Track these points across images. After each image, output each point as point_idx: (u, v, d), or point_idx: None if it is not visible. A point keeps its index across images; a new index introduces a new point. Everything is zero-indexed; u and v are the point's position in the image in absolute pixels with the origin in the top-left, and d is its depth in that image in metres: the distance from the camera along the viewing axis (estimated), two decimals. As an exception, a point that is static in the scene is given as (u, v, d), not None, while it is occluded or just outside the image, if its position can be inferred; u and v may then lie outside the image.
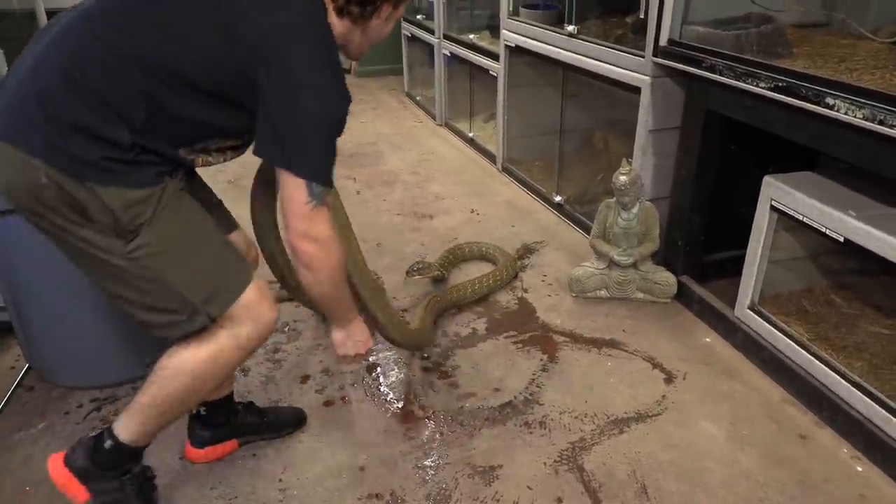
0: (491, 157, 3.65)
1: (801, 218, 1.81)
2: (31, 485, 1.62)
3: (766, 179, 1.93)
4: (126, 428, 1.39)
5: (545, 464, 1.67)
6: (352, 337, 1.54)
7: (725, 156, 2.18)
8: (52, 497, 1.57)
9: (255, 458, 1.70)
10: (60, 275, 1.78)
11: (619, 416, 1.83)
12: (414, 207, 3.11)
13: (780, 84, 1.74)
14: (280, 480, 1.63)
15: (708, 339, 2.16)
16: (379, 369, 2.04)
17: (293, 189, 1.22)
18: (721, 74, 1.93)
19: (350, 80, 5.71)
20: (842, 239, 1.70)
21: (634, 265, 2.33)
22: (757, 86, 1.81)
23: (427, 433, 1.78)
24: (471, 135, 3.90)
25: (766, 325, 1.99)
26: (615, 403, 1.88)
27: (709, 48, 2.00)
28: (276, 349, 2.12)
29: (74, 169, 1.16)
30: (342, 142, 1.27)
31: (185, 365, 1.33)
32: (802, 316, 2.03)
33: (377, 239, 2.85)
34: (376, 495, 1.59)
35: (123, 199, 1.19)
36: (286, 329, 2.22)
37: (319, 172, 1.23)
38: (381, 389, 1.95)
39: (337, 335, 1.55)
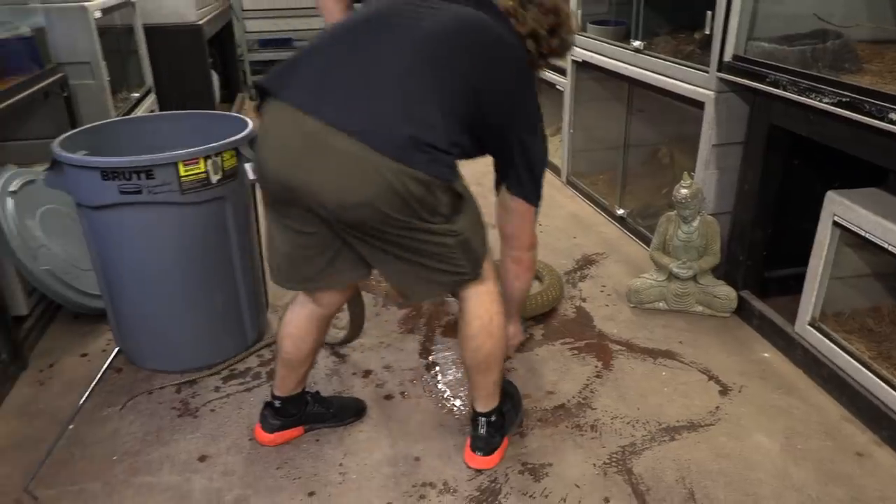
0: (556, 171, 3.70)
1: (864, 234, 1.81)
2: (117, 455, 1.77)
3: (829, 195, 1.92)
4: None
5: (594, 465, 1.72)
6: (515, 328, 1.91)
7: (789, 171, 2.17)
8: (136, 466, 1.73)
9: (318, 443, 1.81)
10: (150, 267, 1.96)
11: (671, 425, 1.85)
12: (478, 217, 3.20)
13: (844, 99, 1.75)
14: (340, 465, 1.73)
15: (767, 355, 2.16)
16: (437, 368, 2.12)
17: (525, 212, 1.62)
18: (784, 89, 1.94)
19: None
20: (904, 255, 1.69)
21: (694, 278, 2.34)
22: (820, 101, 1.82)
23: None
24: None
25: (827, 341, 1.98)
26: (667, 412, 1.90)
27: (773, 63, 2.01)
28: (341, 342, 2.24)
29: (446, 175, 1.36)
30: None
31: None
32: (865, 334, 2.00)
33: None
34: (430, 484, 1.67)
35: (453, 192, 1.42)
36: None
37: (539, 199, 1.63)
38: (439, 387, 2.04)
39: (512, 328, 1.85)
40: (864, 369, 1.85)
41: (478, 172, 1.79)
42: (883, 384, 1.79)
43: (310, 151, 1.32)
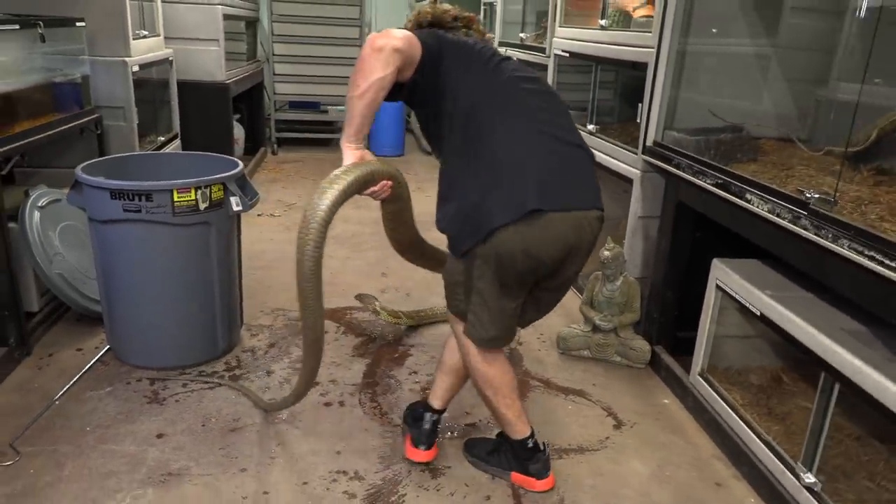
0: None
1: (732, 294, 2.12)
2: (90, 427, 2.12)
3: (714, 262, 2.25)
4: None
5: (485, 472, 2.01)
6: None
7: (696, 242, 2.50)
8: (104, 437, 2.07)
9: (258, 433, 2.13)
10: (141, 275, 2.35)
11: (563, 447, 2.14)
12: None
13: (719, 181, 2.10)
14: (273, 451, 2.05)
15: (666, 401, 2.44)
16: (377, 387, 2.44)
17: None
18: (683, 171, 2.31)
19: (429, 160, 6.27)
20: (758, 313, 1.99)
21: (615, 331, 2.65)
22: (705, 182, 2.18)
23: (399, 437, 2.15)
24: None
25: (711, 390, 2.26)
26: (562, 436, 2.19)
27: (677, 149, 2.38)
28: (299, 360, 2.58)
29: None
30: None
31: None
32: (745, 387, 2.28)
33: (408, 290, 3.31)
34: (343, 472, 1.98)
35: None
36: (310, 346, 2.68)
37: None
38: (374, 401, 2.35)
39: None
40: (734, 415, 2.13)
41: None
42: (746, 428, 2.07)
43: (579, 230, 1.70)
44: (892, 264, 1.45)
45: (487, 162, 1.67)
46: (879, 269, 1.47)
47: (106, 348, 2.56)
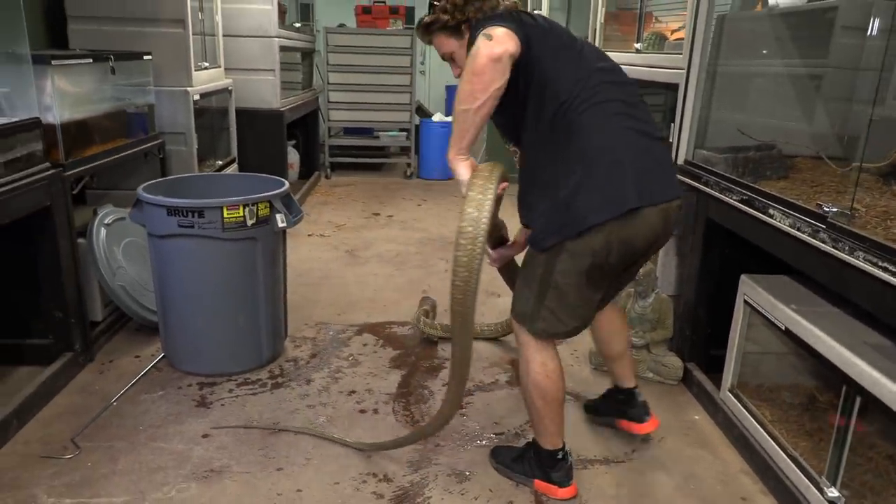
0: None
1: (759, 309, 2.13)
2: (143, 426, 2.27)
3: (742, 278, 2.26)
4: None
5: (509, 478, 2.06)
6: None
7: (725, 259, 2.51)
8: (155, 435, 2.22)
9: (296, 437, 2.25)
10: (193, 287, 2.52)
11: (589, 457, 2.18)
12: (486, 286, 3.63)
13: (744, 197, 2.13)
14: (308, 453, 2.16)
15: (697, 417, 2.44)
16: (411, 397, 2.53)
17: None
18: (711, 188, 2.34)
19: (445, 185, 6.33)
20: (783, 327, 2.00)
21: (647, 347, 2.68)
22: (731, 198, 2.21)
23: (429, 442, 2.23)
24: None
25: (740, 406, 2.26)
26: (589, 447, 2.23)
27: (706, 167, 2.42)
28: (338, 370, 2.70)
29: None
30: (445, 231, 1.90)
31: None
32: (777, 403, 2.27)
33: (447, 306, 3.38)
34: (373, 474, 2.07)
35: None
36: (349, 358, 2.80)
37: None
38: (407, 410, 2.44)
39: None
40: (762, 430, 2.13)
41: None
42: (773, 443, 2.07)
43: (666, 220, 1.76)
44: (903, 274, 1.46)
45: (580, 156, 1.67)
46: (892, 279, 1.49)
47: (161, 356, 2.73)
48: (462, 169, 1.73)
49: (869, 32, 2.02)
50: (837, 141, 2.69)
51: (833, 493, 1.77)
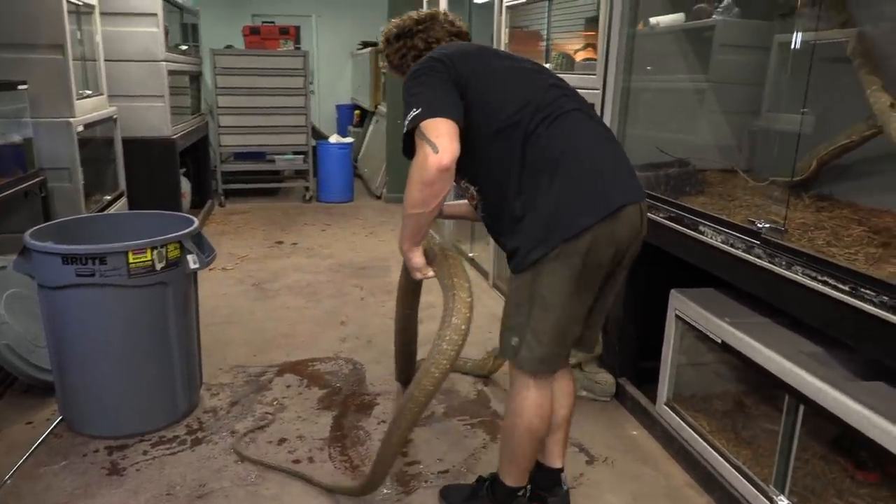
0: (484, 274, 4.10)
1: (693, 324, 2.18)
2: (47, 505, 2.01)
3: (672, 292, 2.31)
4: None
5: (465, 518, 1.98)
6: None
7: (650, 273, 2.56)
8: (61, 512, 1.97)
9: (227, 498, 2.06)
10: (96, 341, 2.27)
11: (539, 487, 2.13)
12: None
13: (672, 214, 2.18)
14: (243, 515, 1.99)
15: (635, 432, 2.46)
16: (346, 440, 2.40)
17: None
18: (636, 206, 2.37)
19: (379, 204, 6.32)
20: (719, 341, 2.05)
21: (579, 366, 2.68)
22: (658, 216, 2.25)
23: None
24: (471, 255, 4.39)
25: (678, 419, 2.30)
26: (538, 477, 2.18)
27: (629, 185, 2.45)
28: (263, 417, 2.51)
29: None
30: (355, 257, 1.78)
31: None
32: (711, 413, 2.33)
33: (369, 336, 3.28)
34: (319, 532, 1.93)
35: None
36: (273, 402, 2.62)
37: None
38: (342, 454, 2.31)
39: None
40: (702, 441, 2.17)
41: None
42: (716, 454, 2.11)
43: (641, 218, 1.72)
44: (845, 287, 1.51)
45: (555, 166, 1.64)
46: (833, 293, 1.54)
47: (58, 419, 2.44)
48: (417, 257, 1.85)
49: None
50: (739, 154, 2.83)
51: (783, 500, 1.82)
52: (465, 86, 1.68)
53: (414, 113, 1.63)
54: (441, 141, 1.58)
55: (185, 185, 5.43)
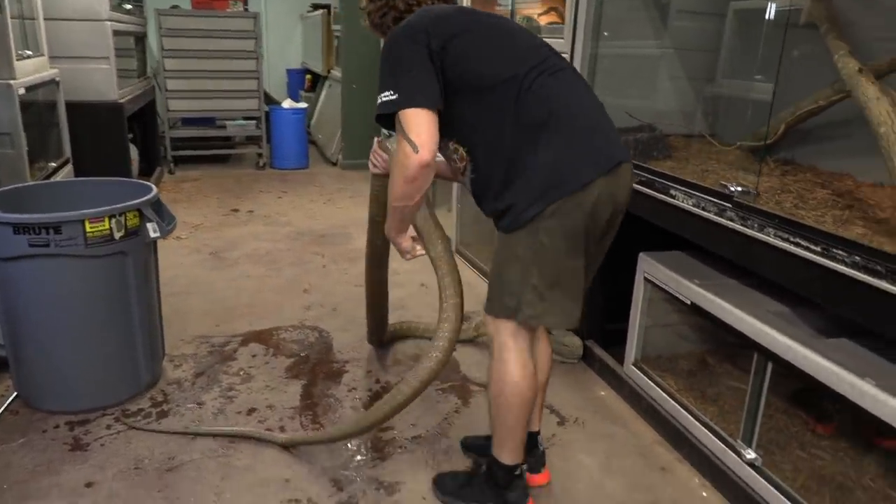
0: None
1: (662, 286, 2.22)
2: (7, 484, 1.93)
3: (641, 256, 2.34)
4: None
5: (441, 482, 1.99)
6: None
7: (621, 238, 2.59)
8: (25, 493, 1.90)
9: (199, 469, 2.02)
10: (52, 314, 2.17)
11: (513, 449, 2.16)
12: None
13: (643, 179, 2.19)
14: (217, 487, 1.95)
15: (603, 393, 2.51)
16: (317, 408, 2.37)
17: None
18: (605, 170, 2.38)
19: (335, 171, 6.24)
20: (689, 302, 2.09)
21: (547, 329, 2.70)
22: (628, 180, 2.26)
23: (346, 455, 2.10)
24: (433, 222, 4.37)
25: (646, 378, 2.35)
26: (511, 439, 2.21)
27: (597, 150, 2.46)
28: (230, 388, 2.47)
29: None
30: (314, 224, 1.73)
31: None
32: (677, 372, 2.39)
33: (334, 304, 3.24)
34: (296, 500, 1.91)
35: None
36: (240, 372, 2.57)
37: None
38: (314, 422, 2.29)
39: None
40: (671, 400, 2.23)
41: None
42: (684, 411, 2.16)
43: (631, 178, 1.72)
44: (817, 248, 1.55)
45: (556, 121, 1.61)
46: (805, 253, 1.58)
47: (13, 395, 2.35)
48: (405, 242, 1.93)
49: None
50: (704, 120, 2.87)
51: (751, 454, 1.88)
52: (448, 51, 1.62)
53: (390, 97, 1.60)
54: (420, 138, 1.58)
55: (133, 152, 5.22)
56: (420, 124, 1.59)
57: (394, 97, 1.59)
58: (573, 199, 1.59)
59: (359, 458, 2.11)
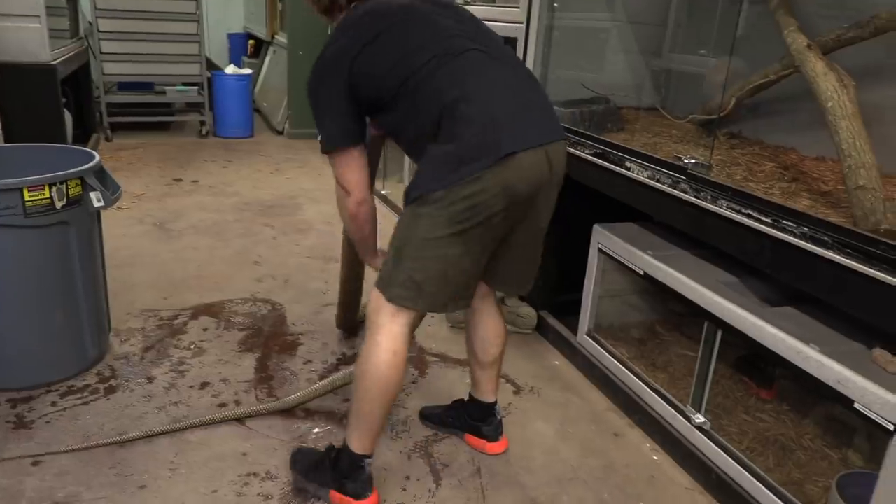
0: (398, 211, 4.06)
1: (616, 257, 2.26)
2: (-53, 464, 1.86)
3: (595, 227, 2.38)
4: None
5: (400, 452, 2.01)
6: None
7: (573, 210, 2.62)
8: (-33, 471, 1.82)
9: (151, 444, 1.98)
10: (-10, 285, 2.07)
11: (470, 418, 2.18)
12: (324, 252, 3.48)
13: (598, 151, 2.22)
14: (171, 462, 1.91)
15: (557, 362, 2.56)
16: (272, 381, 2.35)
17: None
18: (561, 142, 2.40)
19: (282, 140, 6.11)
20: (642, 272, 2.14)
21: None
22: (583, 152, 2.28)
23: (304, 428, 2.09)
24: (384, 192, 4.33)
25: (599, 347, 2.41)
26: (468, 408, 2.23)
27: (553, 121, 2.47)
28: (181, 362, 2.41)
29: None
30: (262, 194, 1.70)
31: None
32: (628, 342, 2.45)
33: (286, 276, 3.19)
34: (254, 474, 1.89)
35: None
36: (191, 346, 2.52)
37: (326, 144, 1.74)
38: (270, 395, 2.26)
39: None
40: (623, 368, 2.29)
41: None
42: (636, 379, 2.23)
43: (549, 164, 1.64)
44: (767, 220, 1.61)
45: (449, 112, 1.56)
46: (756, 224, 1.63)
47: (-52, 373, 2.24)
48: (378, 262, 1.97)
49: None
50: (655, 93, 2.91)
51: (699, 418, 1.96)
52: (353, 72, 1.65)
53: (319, 137, 1.72)
54: (350, 182, 1.73)
55: (67, 118, 4.97)
56: (345, 165, 1.71)
57: (321, 138, 1.70)
58: (456, 190, 1.53)
59: (317, 430, 2.10)
